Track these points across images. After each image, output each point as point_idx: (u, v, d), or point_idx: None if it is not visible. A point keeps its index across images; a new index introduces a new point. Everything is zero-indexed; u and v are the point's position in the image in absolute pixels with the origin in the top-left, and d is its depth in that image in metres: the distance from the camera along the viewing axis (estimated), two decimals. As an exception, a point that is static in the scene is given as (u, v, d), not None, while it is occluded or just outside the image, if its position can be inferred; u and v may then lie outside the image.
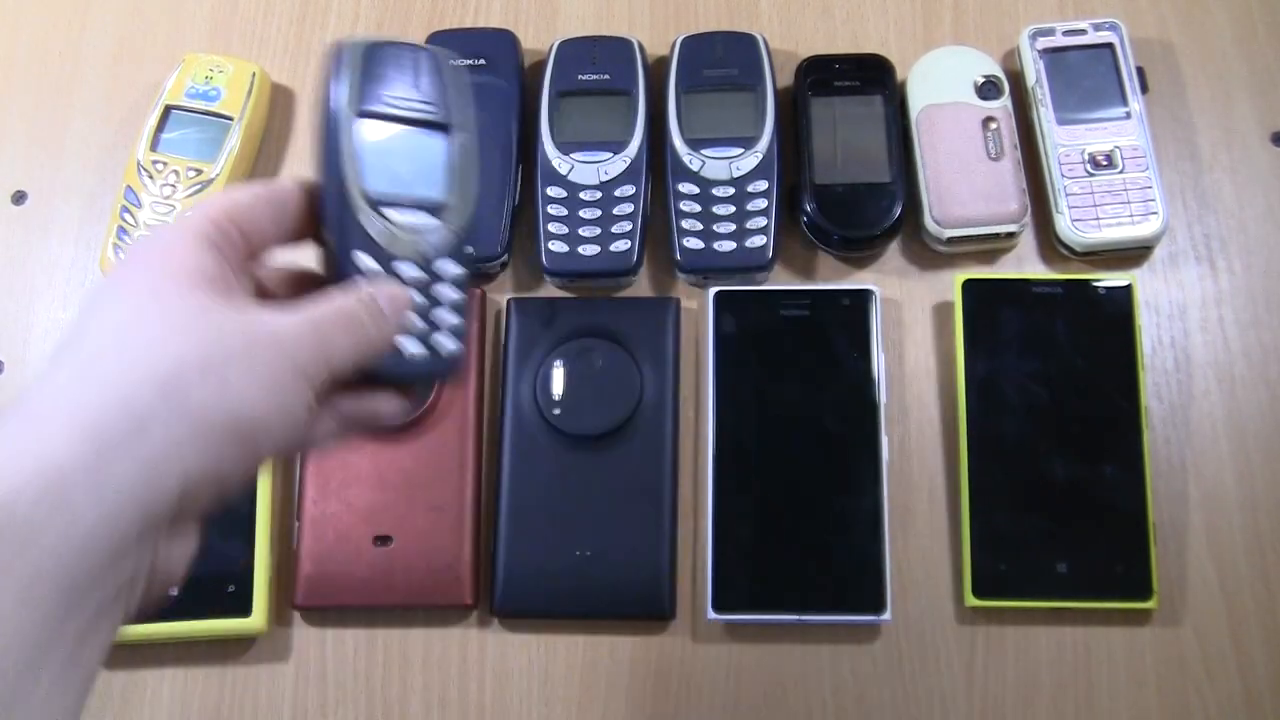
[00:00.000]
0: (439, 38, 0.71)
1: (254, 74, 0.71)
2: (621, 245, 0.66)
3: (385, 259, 0.38)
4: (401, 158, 0.39)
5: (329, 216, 0.38)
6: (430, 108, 0.40)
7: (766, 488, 0.62)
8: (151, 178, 0.68)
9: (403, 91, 0.39)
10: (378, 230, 0.38)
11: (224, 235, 0.36)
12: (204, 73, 0.71)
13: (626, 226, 0.66)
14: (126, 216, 0.68)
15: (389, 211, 0.38)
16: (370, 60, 0.39)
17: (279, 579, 0.63)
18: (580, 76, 0.69)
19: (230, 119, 0.70)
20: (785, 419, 0.63)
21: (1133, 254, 0.67)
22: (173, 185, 0.68)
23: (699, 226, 0.66)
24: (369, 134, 0.39)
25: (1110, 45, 0.68)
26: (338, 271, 0.38)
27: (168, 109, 0.70)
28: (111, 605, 0.31)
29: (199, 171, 0.69)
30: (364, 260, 0.38)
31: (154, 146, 0.70)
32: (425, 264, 0.39)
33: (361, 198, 0.38)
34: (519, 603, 0.61)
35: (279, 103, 0.73)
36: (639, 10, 0.74)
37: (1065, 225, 0.65)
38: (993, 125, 0.67)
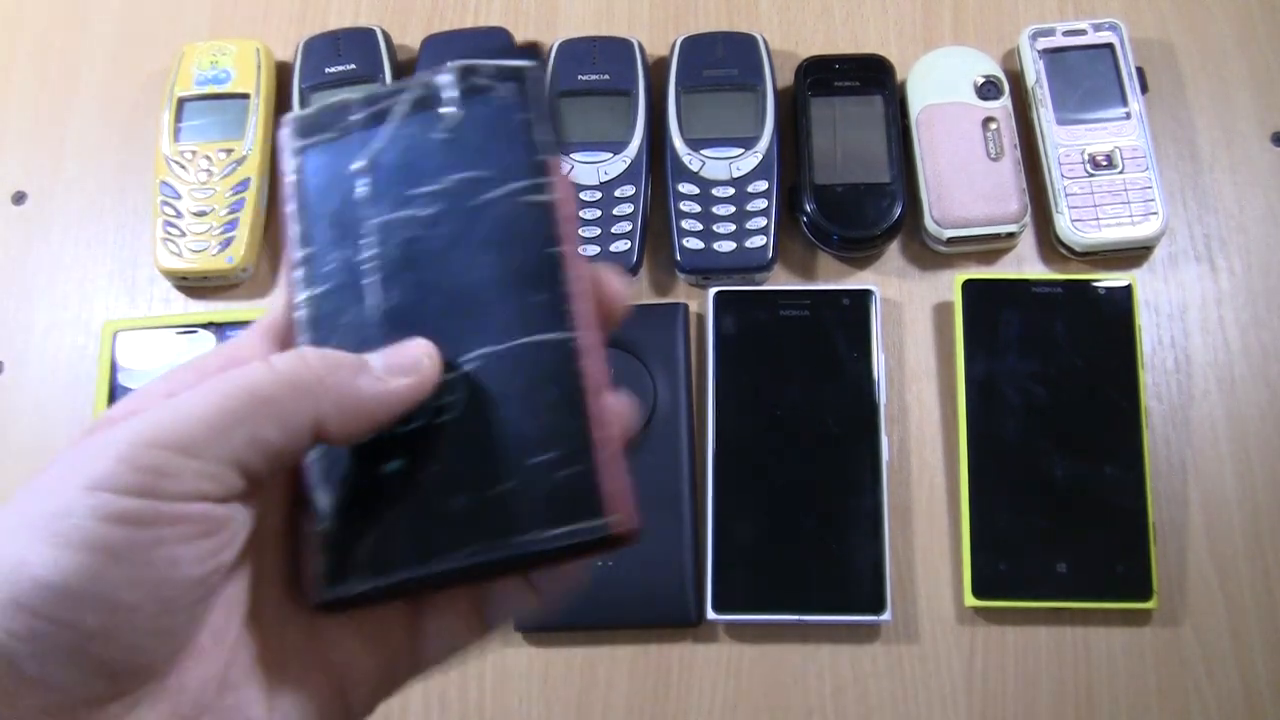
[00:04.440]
0: (434, 40, 0.71)
1: (258, 49, 0.72)
2: (621, 245, 0.66)
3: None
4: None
5: None
6: None
7: (766, 488, 0.62)
8: (184, 168, 0.69)
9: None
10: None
11: None
12: (208, 59, 0.71)
13: (626, 226, 0.66)
14: (168, 209, 0.68)
15: None
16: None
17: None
18: (580, 76, 0.69)
19: (246, 96, 0.70)
20: (785, 419, 0.63)
21: (1133, 254, 0.67)
22: (208, 170, 0.69)
23: (699, 227, 0.66)
24: None
25: (1110, 45, 0.68)
26: None
27: (181, 101, 0.70)
28: None
29: (230, 151, 0.69)
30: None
31: (176, 138, 0.70)
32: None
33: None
34: (541, 616, 0.60)
35: (281, 79, 0.73)
36: (639, 10, 0.74)
37: (1065, 225, 0.65)
38: (992, 125, 0.67)
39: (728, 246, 0.65)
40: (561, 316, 0.32)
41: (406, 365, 0.30)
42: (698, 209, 0.66)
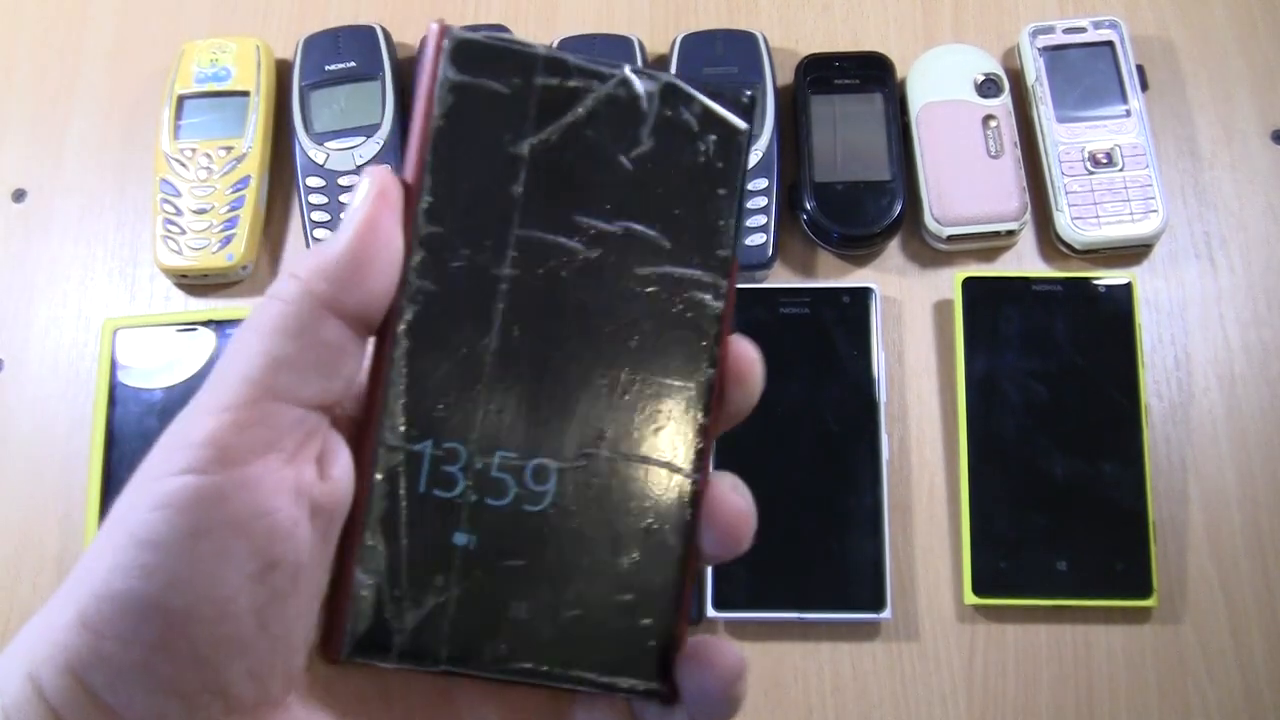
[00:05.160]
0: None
1: (258, 47, 0.72)
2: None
3: None
4: None
5: None
6: None
7: (766, 486, 0.61)
8: (184, 165, 0.69)
9: None
10: None
11: None
12: (208, 56, 0.72)
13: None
14: (168, 207, 0.68)
15: None
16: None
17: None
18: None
19: (247, 93, 0.71)
20: (785, 417, 0.63)
21: (1133, 252, 0.67)
22: (208, 168, 0.69)
23: (699, 224, 0.66)
24: None
25: (1110, 43, 0.68)
26: None
27: (181, 98, 0.70)
28: None
29: (230, 148, 0.69)
30: None
31: (176, 136, 0.70)
32: None
33: None
34: None
35: (281, 77, 0.73)
36: (639, 8, 0.74)
37: (1065, 223, 0.65)
38: (993, 123, 0.67)
39: (728, 244, 0.65)
40: (696, 454, 0.28)
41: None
42: (698, 207, 0.66)
